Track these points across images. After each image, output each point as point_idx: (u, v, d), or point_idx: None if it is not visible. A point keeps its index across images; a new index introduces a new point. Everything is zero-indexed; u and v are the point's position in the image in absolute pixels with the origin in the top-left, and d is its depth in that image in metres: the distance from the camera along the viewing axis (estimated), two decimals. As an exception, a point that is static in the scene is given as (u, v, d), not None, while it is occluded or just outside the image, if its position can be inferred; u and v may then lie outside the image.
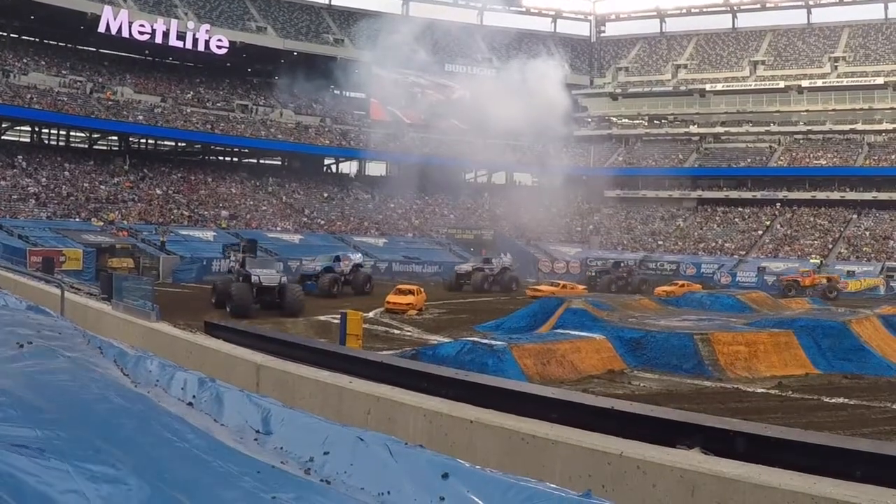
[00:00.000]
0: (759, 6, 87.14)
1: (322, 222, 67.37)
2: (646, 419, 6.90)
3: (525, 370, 17.54)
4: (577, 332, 21.50)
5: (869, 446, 6.46)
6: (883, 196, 68.43)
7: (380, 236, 65.90)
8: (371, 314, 31.26)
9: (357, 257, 48.62)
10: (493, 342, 18.84)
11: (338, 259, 44.04)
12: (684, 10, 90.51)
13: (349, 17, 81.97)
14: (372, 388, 7.48)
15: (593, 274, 55.76)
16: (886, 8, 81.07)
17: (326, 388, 7.76)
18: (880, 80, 72.75)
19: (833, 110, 75.08)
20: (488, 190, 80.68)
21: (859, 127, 73.84)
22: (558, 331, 22.68)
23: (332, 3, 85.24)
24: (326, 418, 4.52)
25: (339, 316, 21.95)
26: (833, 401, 16.80)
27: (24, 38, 68.89)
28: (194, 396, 4.79)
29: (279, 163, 77.68)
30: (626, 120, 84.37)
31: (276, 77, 74.27)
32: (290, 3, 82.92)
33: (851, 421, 14.70)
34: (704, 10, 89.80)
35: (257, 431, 4.23)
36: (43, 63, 67.08)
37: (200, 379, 5.02)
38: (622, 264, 57.13)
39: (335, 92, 79.58)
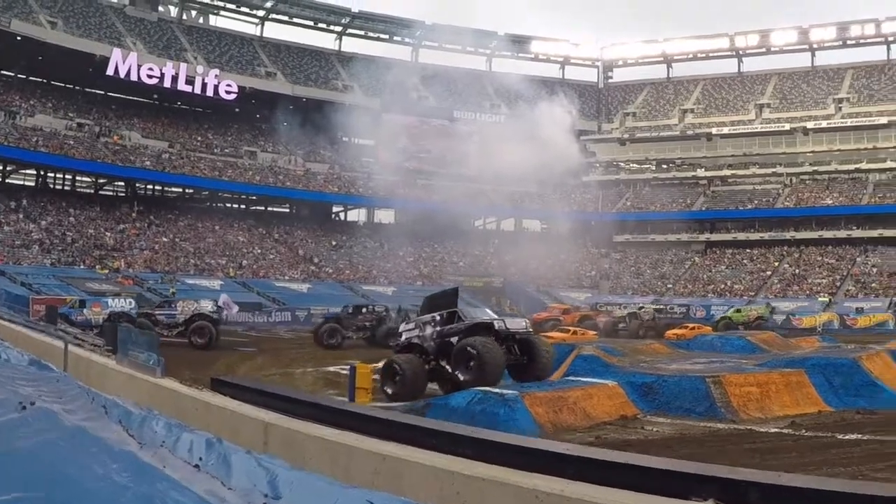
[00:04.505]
0: (763, 50, 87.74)
1: (330, 270, 67.12)
2: (659, 472, 6.89)
3: (537, 418, 17.32)
4: (588, 379, 21.27)
5: (880, 490, 6.39)
6: (889, 233, 68.30)
7: (388, 285, 65.48)
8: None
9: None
10: (505, 391, 18.63)
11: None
12: (690, 56, 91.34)
13: (358, 64, 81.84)
14: (379, 447, 7.36)
15: (322, 320, 41.66)
16: (888, 49, 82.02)
17: (335, 448, 7.64)
18: (884, 120, 73.13)
19: (838, 150, 75.27)
20: (497, 236, 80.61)
21: (864, 166, 74.24)
22: (570, 378, 22.43)
23: (342, 49, 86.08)
24: (335, 478, 4.45)
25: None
26: (847, 437, 16.65)
27: (31, 78, 68.37)
28: (201, 458, 4.70)
29: (287, 210, 77.64)
30: (634, 164, 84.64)
31: (285, 123, 73.87)
32: (299, 49, 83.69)
33: (866, 456, 14.56)
34: (710, 54, 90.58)
35: (266, 495, 4.14)
36: (50, 105, 66.48)
37: (208, 440, 4.94)
38: (365, 309, 42.19)
39: (344, 139, 79.35)
